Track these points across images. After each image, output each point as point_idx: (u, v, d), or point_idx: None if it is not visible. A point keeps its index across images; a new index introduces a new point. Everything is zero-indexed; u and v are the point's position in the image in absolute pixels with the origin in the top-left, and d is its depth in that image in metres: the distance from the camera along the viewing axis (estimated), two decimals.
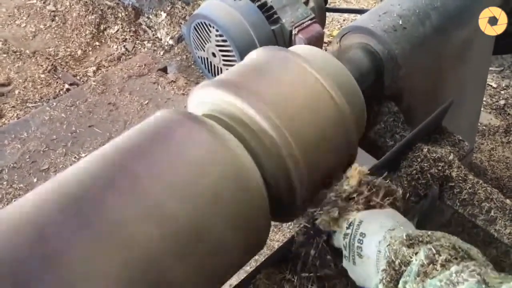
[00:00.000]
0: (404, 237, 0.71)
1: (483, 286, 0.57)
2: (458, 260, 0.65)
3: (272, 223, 0.93)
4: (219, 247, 0.75)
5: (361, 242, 0.78)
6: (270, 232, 1.91)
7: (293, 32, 2.01)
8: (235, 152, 0.79)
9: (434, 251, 0.66)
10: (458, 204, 1.12)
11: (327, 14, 2.57)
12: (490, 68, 2.79)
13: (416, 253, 0.68)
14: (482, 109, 2.60)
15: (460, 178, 1.14)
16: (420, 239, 0.71)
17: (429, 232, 0.72)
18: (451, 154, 1.17)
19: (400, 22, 1.23)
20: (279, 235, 1.83)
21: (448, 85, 1.53)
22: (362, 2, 3.84)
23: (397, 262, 0.70)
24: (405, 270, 0.68)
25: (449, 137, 1.24)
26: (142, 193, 0.69)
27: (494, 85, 2.75)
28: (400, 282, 0.67)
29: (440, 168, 1.14)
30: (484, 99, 2.67)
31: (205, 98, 0.94)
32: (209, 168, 0.76)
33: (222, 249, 0.76)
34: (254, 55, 1.02)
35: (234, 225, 0.77)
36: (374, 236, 0.77)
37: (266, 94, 0.87)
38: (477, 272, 0.60)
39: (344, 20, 3.54)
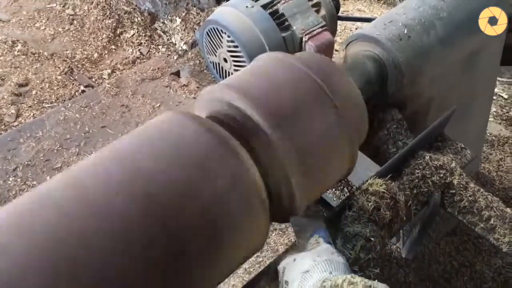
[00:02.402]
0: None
1: None
2: None
3: (278, 226, 0.95)
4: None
5: None
6: (275, 235, 1.93)
7: (304, 39, 2.03)
8: (238, 156, 0.82)
9: None
10: (458, 211, 1.13)
11: (340, 22, 2.59)
12: (502, 79, 2.78)
13: None
14: (492, 119, 2.59)
15: (461, 185, 1.15)
16: None
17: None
18: (453, 161, 1.18)
19: (405, 31, 1.25)
20: (283, 238, 1.85)
21: (454, 94, 1.54)
22: (376, 11, 3.85)
23: None
24: None
25: (451, 145, 1.25)
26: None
27: (505, 96, 2.74)
28: None
29: (441, 175, 1.15)
30: (495, 109, 2.66)
31: (212, 101, 0.97)
32: (213, 170, 0.79)
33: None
34: (261, 60, 1.05)
35: (233, 226, 0.80)
36: (294, 282, 0.75)
37: (270, 101, 0.90)
38: None
39: (356, 29, 3.55)
